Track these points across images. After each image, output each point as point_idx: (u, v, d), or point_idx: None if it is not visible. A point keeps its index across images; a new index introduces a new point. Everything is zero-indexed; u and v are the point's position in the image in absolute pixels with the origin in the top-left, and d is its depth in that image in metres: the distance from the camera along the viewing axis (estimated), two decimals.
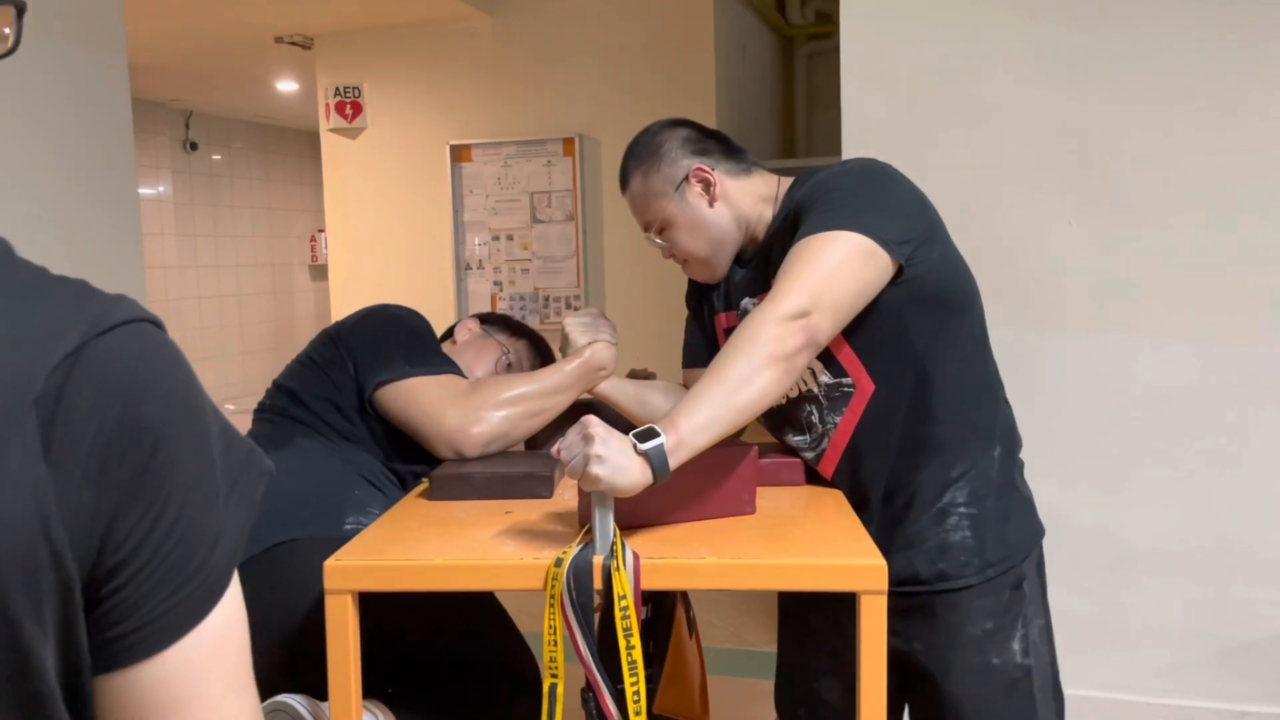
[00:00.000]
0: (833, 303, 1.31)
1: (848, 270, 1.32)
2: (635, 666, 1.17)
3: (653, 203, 1.55)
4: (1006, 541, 1.47)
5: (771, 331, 1.26)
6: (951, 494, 1.45)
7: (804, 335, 1.28)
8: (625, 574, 1.17)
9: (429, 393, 1.63)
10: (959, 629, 1.46)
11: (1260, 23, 2.25)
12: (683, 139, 1.56)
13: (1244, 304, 2.31)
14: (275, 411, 1.73)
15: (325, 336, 1.77)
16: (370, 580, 1.22)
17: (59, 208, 3.06)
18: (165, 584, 0.55)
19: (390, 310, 1.79)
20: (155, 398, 0.55)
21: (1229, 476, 2.35)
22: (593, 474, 1.15)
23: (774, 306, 1.29)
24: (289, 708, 1.35)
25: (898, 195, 1.43)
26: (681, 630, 1.62)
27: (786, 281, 1.31)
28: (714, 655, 2.99)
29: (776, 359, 1.26)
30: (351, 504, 1.59)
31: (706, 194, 1.53)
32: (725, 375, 1.25)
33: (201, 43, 5.39)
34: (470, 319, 1.97)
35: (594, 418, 1.21)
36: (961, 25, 2.42)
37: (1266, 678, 2.36)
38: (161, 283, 7.38)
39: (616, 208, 4.91)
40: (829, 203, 1.39)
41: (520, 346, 1.94)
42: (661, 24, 4.71)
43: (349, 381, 1.68)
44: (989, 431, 1.49)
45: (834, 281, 1.31)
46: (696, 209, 1.53)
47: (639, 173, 1.57)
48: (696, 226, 1.54)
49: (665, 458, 1.19)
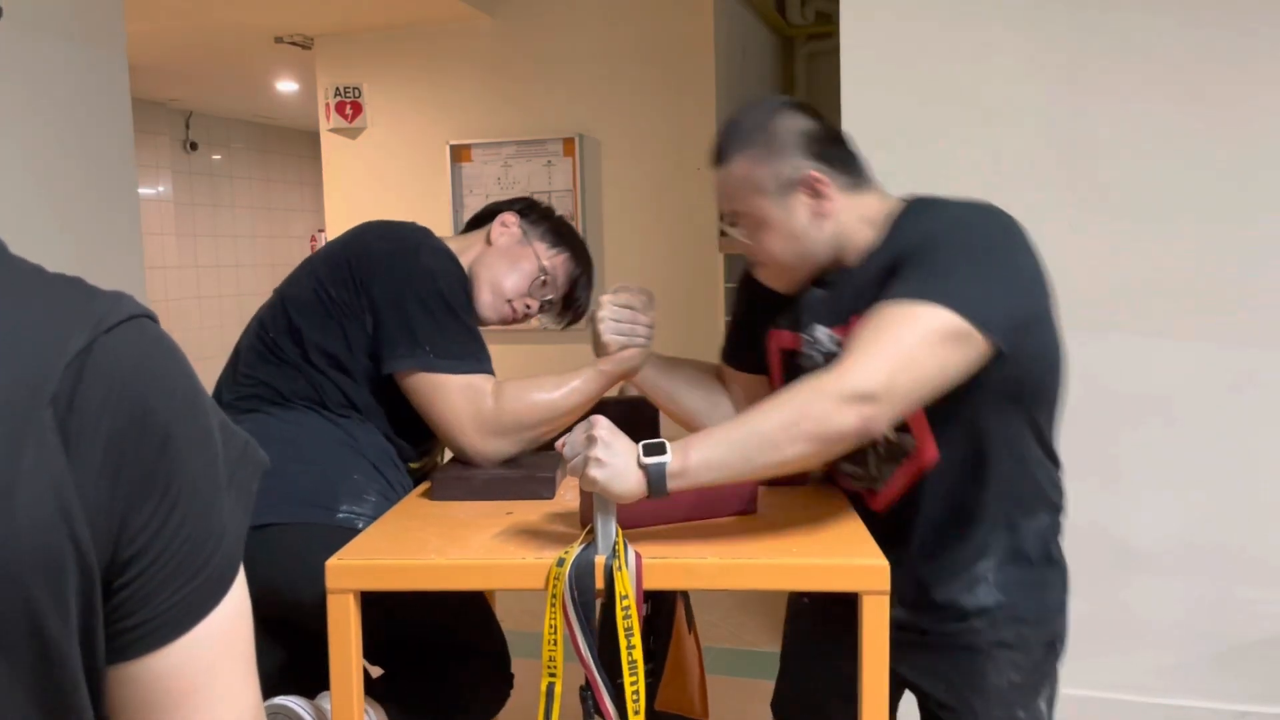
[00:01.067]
0: (904, 394, 1.18)
1: (931, 355, 1.19)
2: (635, 666, 1.17)
3: (750, 196, 1.36)
4: (1045, 606, 1.41)
5: (825, 406, 1.15)
6: (988, 562, 1.38)
7: (858, 424, 1.16)
8: (627, 574, 1.17)
9: (451, 400, 1.55)
10: (984, 676, 1.39)
11: (1260, 23, 2.25)
12: (803, 133, 1.35)
13: (1245, 304, 2.31)
14: (276, 353, 1.61)
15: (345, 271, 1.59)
16: (372, 580, 1.22)
17: (59, 208, 3.06)
18: (176, 577, 0.57)
19: (422, 259, 1.60)
20: (162, 393, 0.57)
21: (1229, 476, 2.35)
22: (590, 476, 1.16)
23: (839, 380, 1.16)
24: (289, 710, 1.35)
25: (1015, 266, 1.29)
26: (681, 627, 1.62)
27: (861, 354, 1.18)
28: (714, 655, 3.00)
29: (817, 438, 1.16)
30: (347, 491, 1.55)
31: (813, 205, 1.35)
32: (759, 429, 1.17)
33: (201, 43, 5.39)
34: (510, 213, 1.79)
35: (602, 418, 1.21)
36: (961, 25, 2.42)
37: (1266, 678, 2.36)
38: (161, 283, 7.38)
39: (616, 208, 4.91)
40: (936, 263, 1.24)
41: (559, 263, 1.79)
42: (661, 24, 4.71)
43: (364, 337, 1.57)
44: (1038, 498, 1.41)
45: (912, 369, 1.18)
46: (797, 218, 1.35)
47: (744, 157, 1.35)
48: (792, 237, 1.36)
49: (664, 479, 1.17)
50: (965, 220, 1.32)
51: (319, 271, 1.62)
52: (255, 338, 1.65)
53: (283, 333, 1.61)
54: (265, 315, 1.66)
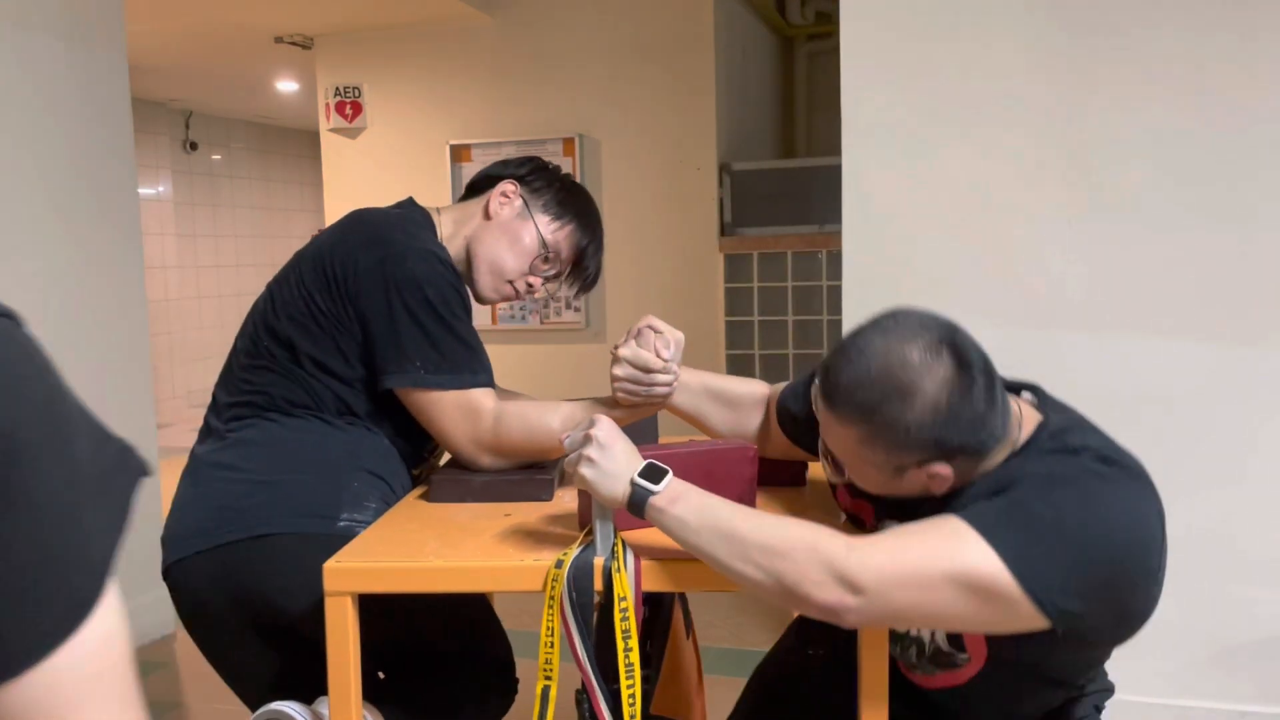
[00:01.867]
0: (893, 608, 1.08)
1: (948, 593, 1.06)
2: (632, 669, 1.17)
3: (861, 467, 1.21)
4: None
5: (813, 566, 1.07)
6: None
7: (832, 604, 1.07)
8: (626, 575, 1.17)
9: (447, 418, 1.52)
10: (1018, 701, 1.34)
11: (1260, 23, 2.25)
12: (932, 423, 1.13)
13: (1245, 303, 2.30)
14: (271, 361, 1.57)
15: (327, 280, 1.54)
16: (370, 582, 1.22)
17: (59, 207, 3.06)
18: (22, 600, 0.50)
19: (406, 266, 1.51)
20: (8, 398, 0.51)
21: (1229, 476, 2.35)
22: (580, 473, 1.18)
23: (845, 555, 1.07)
24: (285, 715, 1.35)
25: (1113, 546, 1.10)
26: (679, 631, 1.62)
27: (882, 545, 1.09)
28: (713, 656, 3.00)
29: (785, 589, 1.08)
30: (348, 499, 1.54)
31: (929, 484, 1.18)
32: (747, 532, 1.11)
33: (201, 43, 5.39)
34: (509, 182, 1.67)
35: (605, 419, 1.21)
36: (961, 25, 2.42)
37: (1266, 678, 2.36)
38: (161, 283, 7.38)
39: (616, 208, 4.91)
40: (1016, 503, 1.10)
41: (563, 236, 1.66)
42: (661, 24, 4.71)
43: (355, 347, 1.53)
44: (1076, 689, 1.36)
45: (918, 593, 1.06)
46: (907, 489, 1.20)
47: (861, 430, 1.16)
48: (886, 488, 1.23)
49: (644, 505, 1.15)
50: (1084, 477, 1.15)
51: (306, 278, 1.58)
52: (250, 341, 1.62)
53: (276, 342, 1.57)
54: (259, 318, 1.63)
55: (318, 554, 1.26)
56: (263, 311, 1.62)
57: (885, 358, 1.14)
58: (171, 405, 7.68)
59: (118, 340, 3.24)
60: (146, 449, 3.38)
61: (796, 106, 5.90)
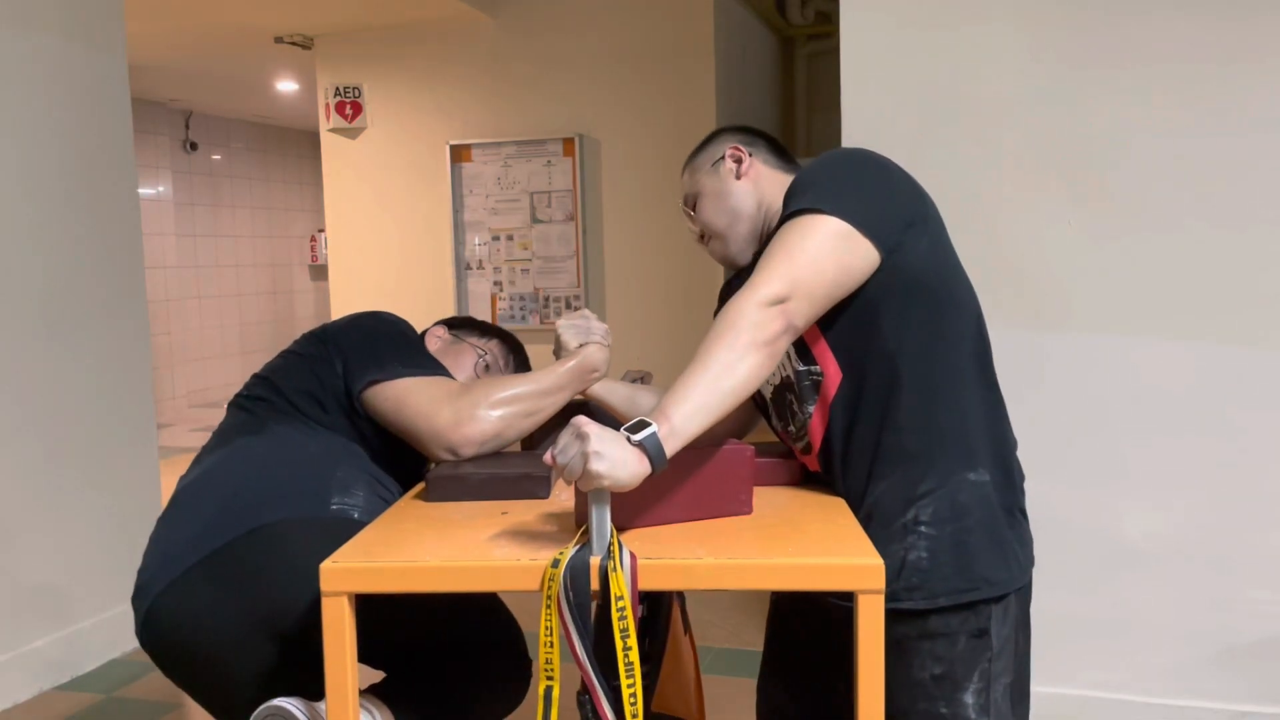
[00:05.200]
0: (809, 289, 1.32)
1: (826, 255, 1.33)
2: (632, 668, 1.17)
3: (693, 176, 1.61)
4: (968, 575, 1.33)
5: (752, 317, 1.29)
6: (914, 510, 1.35)
7: (783, 320, 1.30)
8: (622, 574, 1.16)
9: (423, 391, 1.61)
10: (908, 669, 1.35)
11: (1260, 23, 2.25)
12: (733, 130, 1.62)
13: (1245, 303, 2.30)
14: (252, 399, 1.71)
15: (311, 336, 1.75)
16: (367, 582, 1.22)
17: (59, 207, 3.06)
18: None
19: (380, 315, 1.78)
20: None
21: (1229, 476, 2.35)
22: (593, 471, 1.14)
23: (753, 292, 1.30)
24: (284, 711, 1.35)
25: (885, 181, 1.44)
26: (677, 629, 1.62)
27: (766, 267, 1.33)
28: (713, 655, 2.99)
29: (758, 345, 1.28)
30: (335, 486, 1.57)
31: (736, 169, 1.56)
32: (710, 362, 1.27)
33: (201, 43, 5.40)
34: (436, 326, 1.96)
35: (584, 418, 1.20)
36: (961, 25, 2.42)
37: (1267, 678, 2.36)
38: (161, 283, 7.38)
39: (617, 208, 4.91)
40: (812, 186, 1.40)
41: (493, 346, 1.93)
42: (661, 24, 4.71)
43: (335, 379, 1.66)
44: (968, 450, 1.37)
45: (812, 266, 1.32)
46: (726, 183, 1.56)
47: (690, 157, 1.63)
48: (719, 197, 1.57)
49: (660, 446, 1.19)
50: (834, 154, 1.52)
51: (287, 351, 1.77)
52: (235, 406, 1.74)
53: (255, 387, 1.72)
54: (240, 390, 1.77)
55: (317, 535, 1.27)
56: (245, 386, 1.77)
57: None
58: (171, 405, 7.69)
59: (118, 340, 3.24)
60: (146, 449, 3.39)
61: (796, 106, 5.90)
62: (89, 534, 3.12)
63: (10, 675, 2.88)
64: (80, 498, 3.10)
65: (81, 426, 3.10)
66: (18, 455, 2.91)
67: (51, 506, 3.02)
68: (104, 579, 3.15)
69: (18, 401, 2.90)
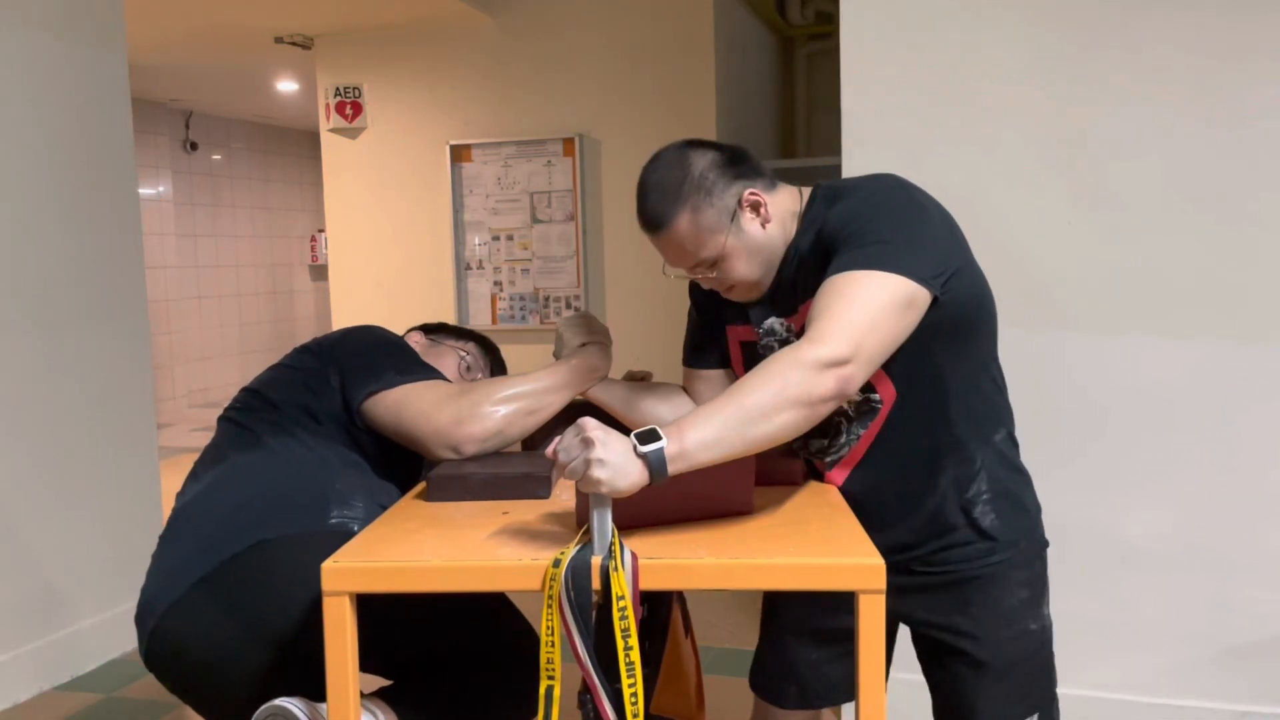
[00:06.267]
0: (871, 354, 1.29)
1: (889, 318, 1.30)
2: (633, 668, 1.17)
3: (708, 239, 1.46)
4: (1028, 513, 1.54)
5: (805, 375, 1.24)
6: (975, 486, 1.49)
7: (836, 386, 1.25)
8: (623, 574, 1.16)
9: (422, 395, 1.61)
10: (1000, 600, 1.50)
11: (1259, 23, 2.25)
12: (715, 163, 1.47)
13: (1244, 303, 2.30)
14: (244, 412, 1.70)
15: (303, 350, 1.76)
16: (368, 582, 1.22)
17: (59, 207, 3.06)
18: None
19: (369, 328, 1.80)
20: None
21: (1229, 476, 2.35)
22: (594, 477, 1.15)
23: (813, 348, 1.25)
24: (286, 711, 1.35)
25: (931, 225, 1.41)
26: (678, 629, 1.62)
27: (828, 323, 1.28)
28: (713, 655, 2.99)
29: (802, 404, 1.24)
30: (334, 498, 1.56)
31: (758, 217, 1.47)
32: (746, 402, 1.23)
33: (201, 43, 5.40)
34: (412, 332, 1.96)
35: (591, 420, 1.20)
36: (961, 26, 2.42)
37: (1267, 678, 2.36)
38: (161, 283, 7.38)
39: (616, 208, 4.91)
40: (868, 236, 1.36)
41: (471, 347, 1.94)
42: (661, 24, 4.71)
43: (330, 393, 1.66)
44: (995, 418, 1.52)
45: (876, 331, 1.29)
46: (753, 235, 1.47)
47: (685, 211, 1.45)
48: (755, 252, 1.48)
49: (664, 463, 1.18)
50: (875, 196, 1.44)
51: (279, 364, 1.77)
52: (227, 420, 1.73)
53: (246, 401, 1.72)
54: (229, 404, 1.76)
55: (317, 551, 1.26)
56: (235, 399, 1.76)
57: (658, 172, 1.50)
58: (171, 405, 7.69)
59: (118, 340, 3.24)
60: (146, 449, 3.39)
61: (796, 106, 5.90)
62: (89, 534, 3.12)
63: (10, 675, 2.88)
64: (80, 498, 3.10)
65: (81, 426, 3.10)
66: (18, 455, 2.91)
67: (51, 507, 3.01)
68: (104, 579, 3.15)
69: (18, 401, 2.90)
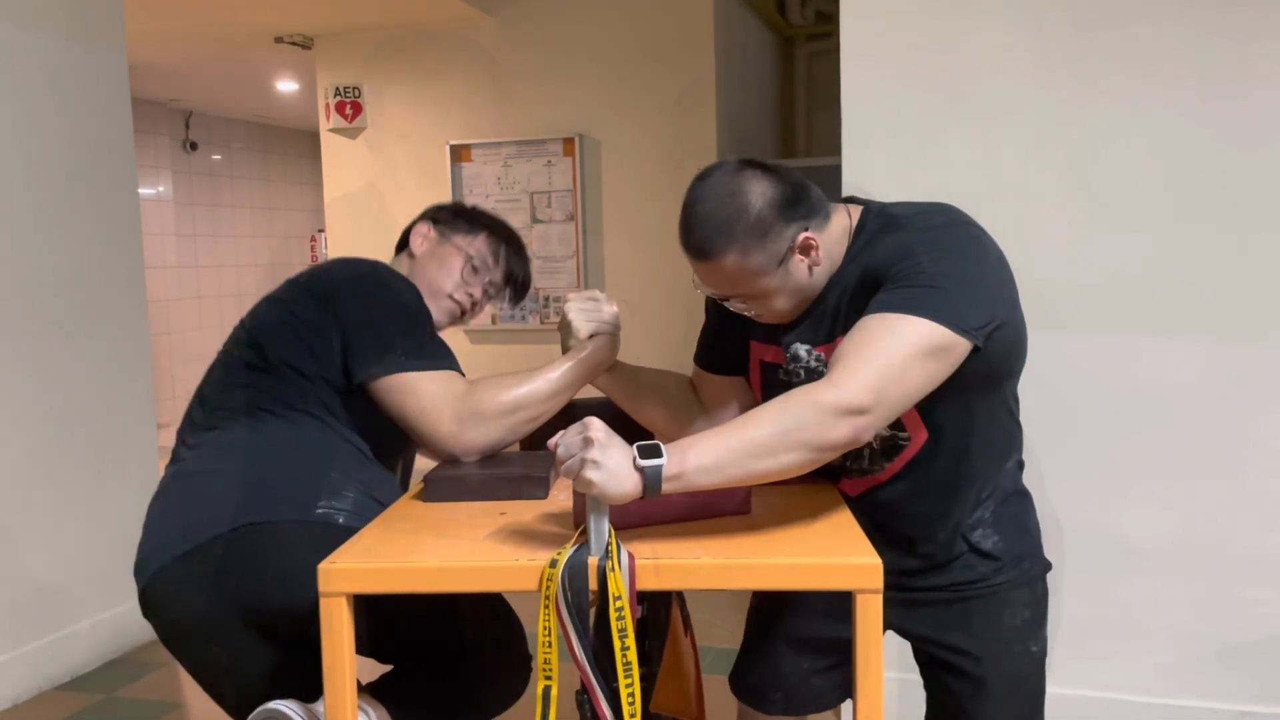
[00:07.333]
0: (891, 406, 1.25)
1: (918, 367, 1.25)
2: (630, 668, 1.17)
3: (753, 280, 1.40)
4: (1031, 535, 1.55)
5: (820, 418, 1.20)
6: (983, 511, 1.50)
7: (849, 435, 1.22)
8: (620, 575, 1.16)
9: (428, 391, 1.57)
10: (1001, 620, 1.51)
11: (1258, 23, 2.25)
12: (774, 203, 1.36)
13: (1244, 303, 2.30)
14: (239, 365, 1.63)
15: (309, 295, 1.65)
16: (365, 582, 1.21)
17: (60, 207, 3.06)
18: None
19: (382, 278, 1.67)
20: None
21: (1229, 476, 2.35)
22: (587, 478, 1.15)
23: (834, 392, 1.21)
24: (281, 714, 1.34)
25: (987, 271, 1.35)
26: (677, 628, 1.62)
27: (855, 365, 1.23)
28: (713, 655, 2.99)
29: (811, 447, 1.21)
30: (325, 487, 1.55)
31: (808, 259, 1.40)
32: (755, 435, 1.20)
33: (201, 43, 5.39)
34: (422, 223, 1.85)
35: (598, 420, 1.20)
36: (961, 25, 2.42)
37: (1267, 678, 2.36)
38: (161, 283, 7.38)
39: (616, 208, 4.91)
40: (919, 277, 1.30)
41: (480, 242, 1.82)
42: (661, 24, 4.71)
43: (332, 355, 1.59)
44: (1010, 447, 1.53)
45: (900, 382, 1.24)
46: (798, 277, 1.41)
47: (734, 251, 1.36)
48: (796, 292, 1.43)
49: (660, 482, 1.17)
50: (935, 233, 1.37)
51: (285, 296, 1.67)
52: (221, 364, 1.68)
53: (246, 350, 1.64)
54: (232, 337, 1.70)
55: (298, 541, 1.27)
56: (235, 333, 1.69)
57: (710, 201, 1.37)
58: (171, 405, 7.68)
59: (118, 340, 3.24)
60: (146, 449, 3.39)
61: (796, 106, 5.89)
62: (89, 534, 3.12)
63: (10, 675, 2.88)
64: (80, 498, 3.10)
65: (81, 426, 3.10)
66: (17, 455, 2.91)
67: (51, 506, 3.02)
68: (104, 579, 3.15)
69: (18, 401, 2.90)
